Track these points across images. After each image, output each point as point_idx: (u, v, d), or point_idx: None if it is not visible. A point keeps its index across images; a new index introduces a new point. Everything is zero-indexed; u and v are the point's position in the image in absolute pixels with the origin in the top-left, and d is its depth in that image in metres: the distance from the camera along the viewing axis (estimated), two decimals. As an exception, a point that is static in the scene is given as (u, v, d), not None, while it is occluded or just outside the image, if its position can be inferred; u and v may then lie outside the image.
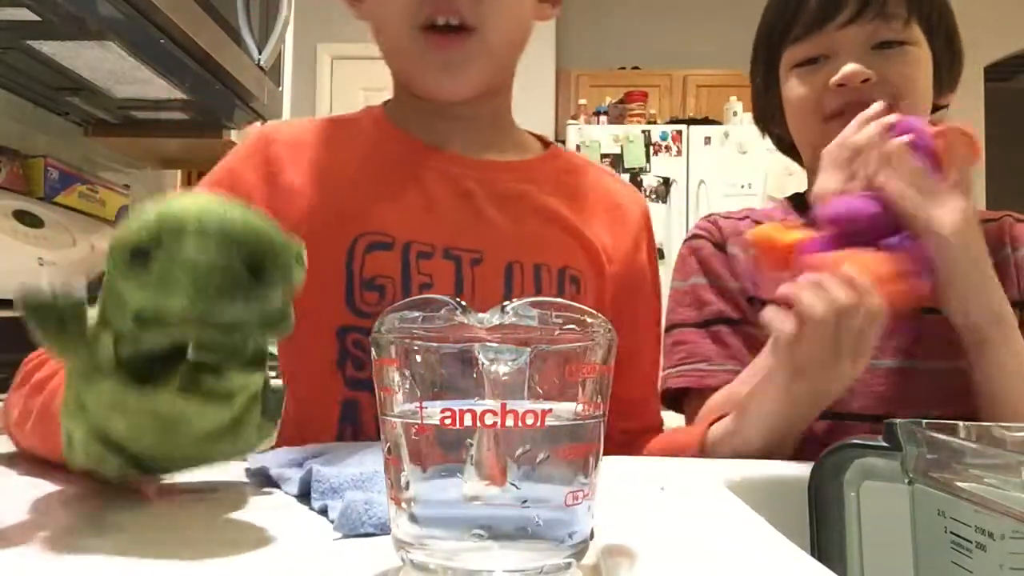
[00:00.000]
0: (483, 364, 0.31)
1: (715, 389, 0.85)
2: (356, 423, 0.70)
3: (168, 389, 0.41)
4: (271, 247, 0.40)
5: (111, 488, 0.49)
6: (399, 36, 0.72)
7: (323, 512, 0.44)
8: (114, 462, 0.44)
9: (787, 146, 0.97)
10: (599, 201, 0.84)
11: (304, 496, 0.47)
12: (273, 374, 0.47)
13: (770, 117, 0.95)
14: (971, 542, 0.43)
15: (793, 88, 0.88)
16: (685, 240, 0.98)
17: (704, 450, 0.75)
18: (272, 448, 0.57)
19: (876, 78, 0.82)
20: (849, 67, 0.82)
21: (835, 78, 0.82)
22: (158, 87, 1.42)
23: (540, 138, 0.88)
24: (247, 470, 0.55)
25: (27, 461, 0.58)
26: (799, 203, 0.96)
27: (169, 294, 0.39)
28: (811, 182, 0.95)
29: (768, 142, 1.00)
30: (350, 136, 0.79)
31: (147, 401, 0.41)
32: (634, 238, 0.86)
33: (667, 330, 0.93)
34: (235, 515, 0.45)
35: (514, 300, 0.32)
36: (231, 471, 0.57)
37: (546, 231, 0.78)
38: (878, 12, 0.82)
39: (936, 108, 0.90)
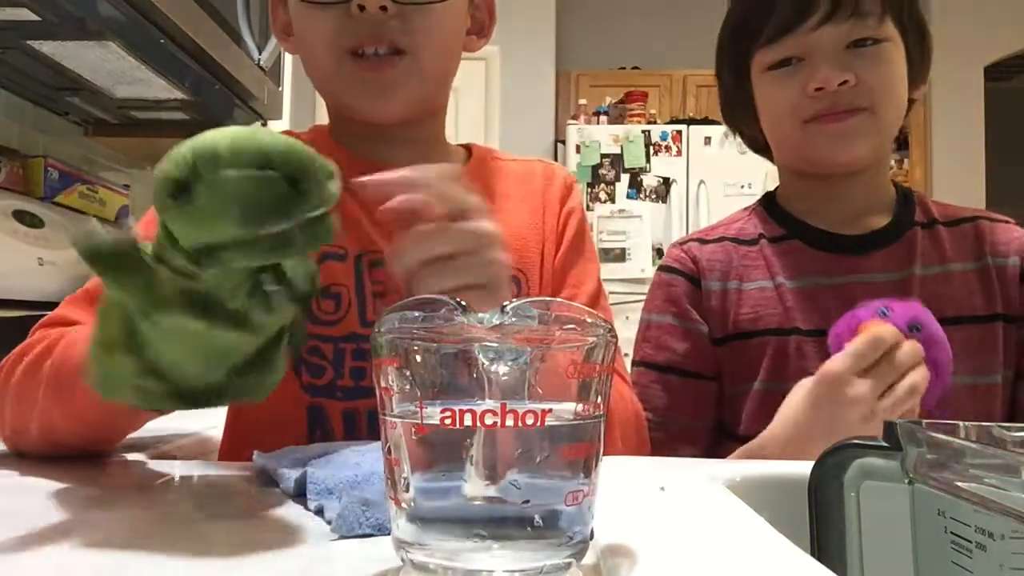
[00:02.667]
0: (483, 364, 0.31)
1: (658, 442, 0.85)
2: (325, 428, 0.70)
3: (225, 321, 0.43)
4: (305, 160, 0.42)
5: (100, 488, 0.49)
6: (328, 65, 0.73)
7: (319, 513, 0.44)
8: (158, 392, 0.45)
9: (760, 146, 0.95)
10: (521, 191, 0.84)
11: (301, 497, 0.47)
12: None
13: (741, 118, 0.94)
14: (971, 542, 0.43)
15: (769, 92, 0.87)
16: (658, 268, 0.95)
17: None
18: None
19: (854, 80, 0.81)
20: (826, 71, 0.80)
21: (813, 83, 0.81)
22: (158, 87, 1.42)
23: (465, 147, 0.89)
24: (255, 471, 0.55)
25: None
26: (770, 204, 0.95)
27: (217, 222, 0.40)
28: (784, 182, 0.95)
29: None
30: None
31: (205, 330, 0.43)
32: (557, 203, 0.85)
33: (632, 364, 0.93)
34: (234, 515, 0.45)
35: (514, 300, 0.32)
36: (231, 470, 0.57)
37: None
38: (852, 11, 0.81)
39: (909, 102, 0.89)
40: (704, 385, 0.88)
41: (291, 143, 0.42)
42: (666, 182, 4.17)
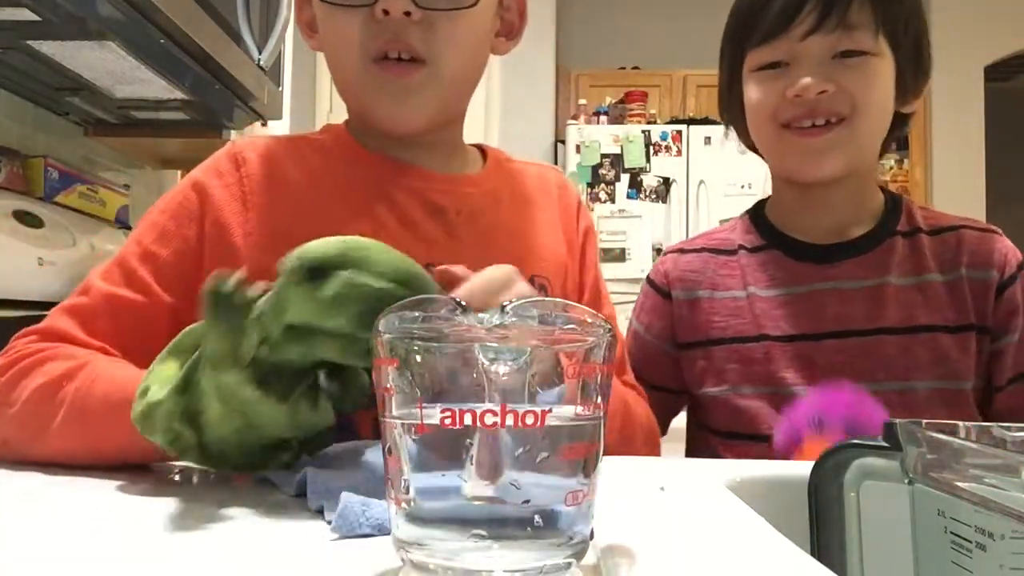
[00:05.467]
0: (483, 364, 0.31)
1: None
2: (353, 437, 0.70)
3: (276, 400, 0.46)
4: (428, 289, 0.47)
5: (100, 489, 0.49)
6: (352, 68, 0.73)
7: (319, 513, 0.44)
8: (190, 442, 0.47)
9: (752, 145, 0.96)
10: (540, 196, 0.86)
11: (301, 497, 0.47)
12: None
13: (733, 115, 0.96)
14: (971, 542, 0.43)
15: (752, 92, 0.89)
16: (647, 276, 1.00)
17: None
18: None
19: (833, 89, 0.82)
20: (805, 80, 0.82)
21: (792, 89, 0.83)
22: (158, 87, 1.42)
23: (477, 147, 0.89)
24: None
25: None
26: (757, 214, 0.97)
27: (334, 315, 0.44)
28: (775, 188, 0.97)
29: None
30: (317, 156, 0.78)
31: (256, 401, 0.46)
32: (574, 216, 0.88)
33: None
34: (234, 515, 0.45)
35: (513, 300, 0.32)
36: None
37: (511, 243, 0.80)
38: (840, 22, 0.82)
39: (900, 116, 0.89)
40: (656, 394, 0.89)
41: (419, 270, 0.47)
42: (666, 182, 4.17)
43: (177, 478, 0.56)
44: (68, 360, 0.59)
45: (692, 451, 0.97)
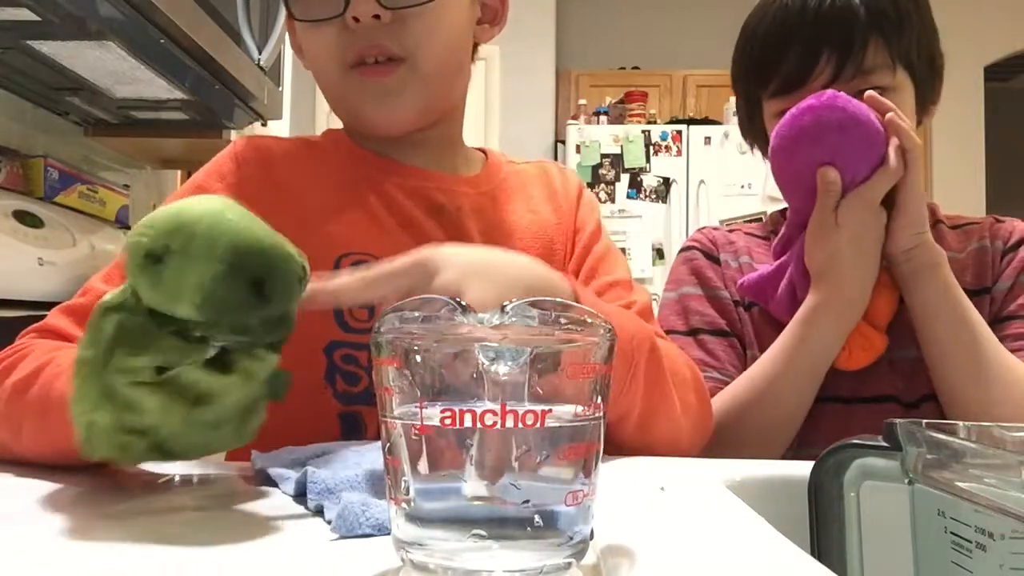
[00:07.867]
0: (483, 364, 0.31)
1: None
2: (360, 435, 0.69)
3: (199, 368, 0.44)
4: (276, 265, 0.44)
5: (101, 489, 0.49)
6: (334, 77, 0.74)
7: (319, 513, 0.44)
8: (140, 447, 0.45)
9: None
10: (542, 192, 0.86)
11: (301, 497, 0.47)
12: None
13: (757, 140, 0.97)
14: (971, 542, 0.43)
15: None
16: (679, 252, 1.00)
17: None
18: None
19: None
20: None
21: None
22: (158, 87, 1.42)
23: (480, 150, 0.89)
24: (254, 471, 0.55)
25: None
26: (783, 213, 0.98)
27: (177, 300, 0.42)
28: None
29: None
30: (317, 157, 0.79)
31: (182, 377, 0.43)
32: (576, 211, 0.87)
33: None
34: (234, 515, 0.45)
35: (514, 300, 0.32)
36: (231, 470, 0.57)
37: (513, 242, 0.79)
38: (857, 70, 0.82)
39: (919, 123, 0.91)
40: (734, 342, 0.91)
41: (266, 243, 0.43)
42: (666, 182, 4.17)
43: (176, 478, 0.56)
44: (41, 356, 0.58)
45: None
